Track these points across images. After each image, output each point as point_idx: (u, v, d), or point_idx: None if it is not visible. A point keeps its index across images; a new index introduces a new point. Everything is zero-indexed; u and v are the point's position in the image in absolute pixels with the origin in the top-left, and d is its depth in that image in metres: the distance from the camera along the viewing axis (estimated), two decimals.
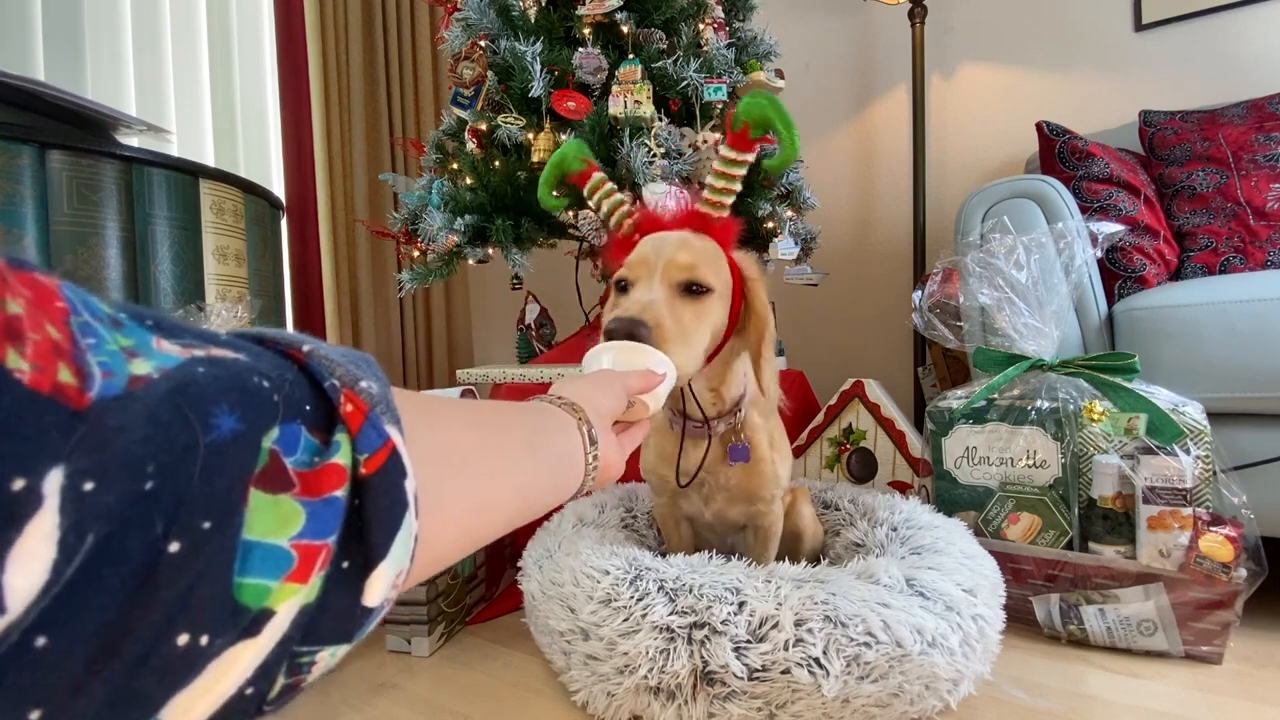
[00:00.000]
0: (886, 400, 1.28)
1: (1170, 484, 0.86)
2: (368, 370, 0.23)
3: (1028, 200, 1.13)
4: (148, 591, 0.15)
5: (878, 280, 2.01)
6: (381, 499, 0.21)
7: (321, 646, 0.20)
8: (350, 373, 0.22)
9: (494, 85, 1.26)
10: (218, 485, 0.17)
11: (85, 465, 0.14)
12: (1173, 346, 0.97)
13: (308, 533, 0.19)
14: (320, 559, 0.19)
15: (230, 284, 1.08)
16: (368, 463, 0.21)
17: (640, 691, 0.70)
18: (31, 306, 0.15)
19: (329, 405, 0.21)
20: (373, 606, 0.21)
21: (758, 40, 1.38)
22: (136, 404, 0.16)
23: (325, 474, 0.20)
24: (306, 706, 0.83)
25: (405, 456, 0.22)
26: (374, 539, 0.21)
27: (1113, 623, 0.88)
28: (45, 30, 1.47)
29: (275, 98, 1.91)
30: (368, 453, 0.21)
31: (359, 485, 0.21)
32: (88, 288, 0.17)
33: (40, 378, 0.14)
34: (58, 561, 0.14)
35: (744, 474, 0.81)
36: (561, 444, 0.38)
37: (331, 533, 0.19)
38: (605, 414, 0.44)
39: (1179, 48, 1.57)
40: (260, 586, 0.17)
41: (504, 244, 1.21)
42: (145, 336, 0.18)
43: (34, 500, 0.14)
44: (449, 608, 1.00)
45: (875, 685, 0.66)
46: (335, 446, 0.20)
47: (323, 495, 0.19)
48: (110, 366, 0.16)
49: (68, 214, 0.87)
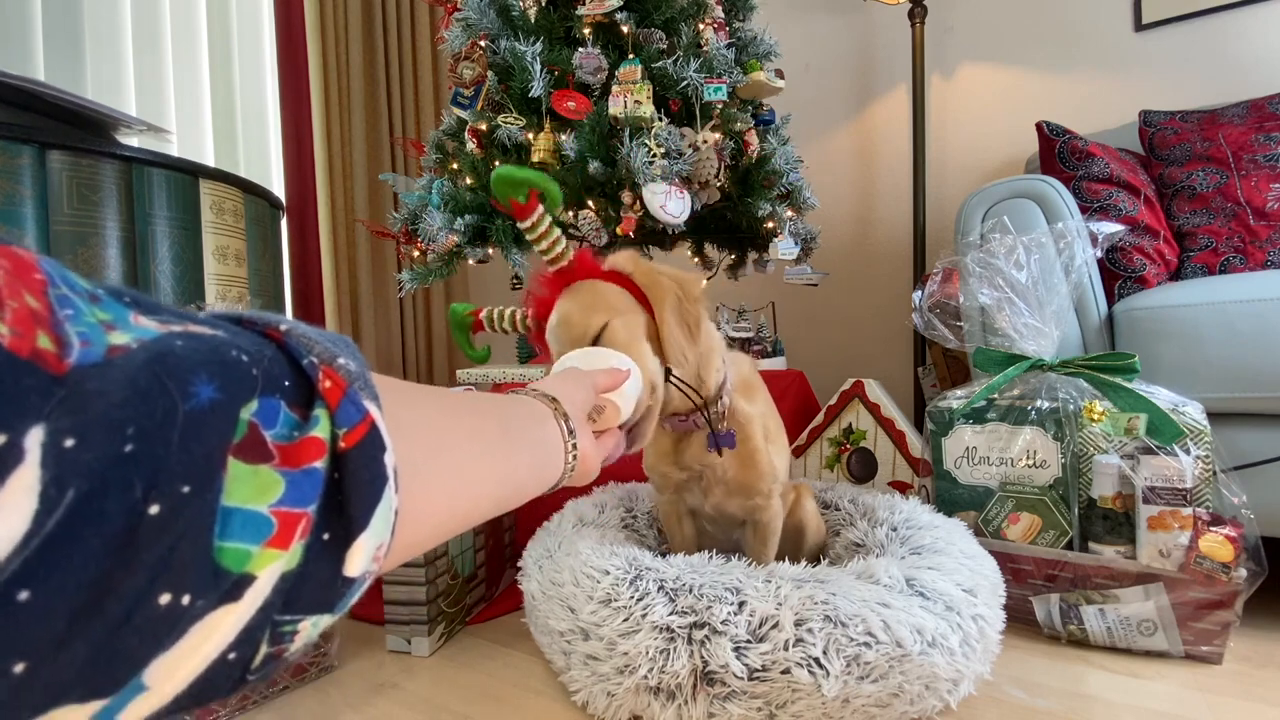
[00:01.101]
0: (886, 400, 1.28)
1: (1170, 484, 0.86)
2: (345, 350, 0.23)
3: (1028, 200, 1.13)
4: (129, 552, 0.15)
5: (878, 280, 2.01)
6: (361, 472, 0.21)
7: (304, 616, 0.20)
8: (328, 350, 0.22)
9: (494, 85, 1.26)
10: (196, 451, 0.17)
11: (65, 425, 0.15)
12: (1173, 346, 0.97)
13: (287, 500, 0.19)
14: (300, 527, 0.19)
15: (230, 284, 1.08)
16: (346, 436, 0.21)
17: (640, 691, 0.70)
18: (9, 276, 0.15)
19: (307, 382, 0.21)
20: (354, 577, 0.21)
21: (758, 40, 1.38)
22: (115, 371, 0.16)
23: (304, 447, 0.20)
24: (306, 706, 0.83)
25: (384, 431, 0.22)
26: (354, 511, 0.21)
27: (1113, 623, 0.88)
28: (45, 30, 1.47)
29: (275, 98, 1.91)
30: (346, 427, 0.21)
31: (338, 459, 0.21)
32: None
33: (19, 343, 0.15)
34: (39, 513, 0.14)
35: (739, 467, 0.81)
36: (539, 433, 0.39)
37: (311, 501, 0.20)
38: (580, 406, 0.45)
39: (1179, 48, 1.57)
40: (241, 551, 0.18)
41: (504, 244, 1.21)
42: (123, 311, 0.18)
43: (15, 454, 0.14)
44: (449, 608, 1.00)
45: (875, 685, 0.66)
46: (314, 421, 0.20)
47: (302, 466, 0.19)
48: (88, 336, 0.16)
49: (68, 214, 0.87)
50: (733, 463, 0.81)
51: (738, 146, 1.29)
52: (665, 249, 1.56)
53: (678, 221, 1.15)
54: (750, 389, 0.82)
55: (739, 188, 1.32)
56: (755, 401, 0.82)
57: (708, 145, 1.18)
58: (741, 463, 0.81)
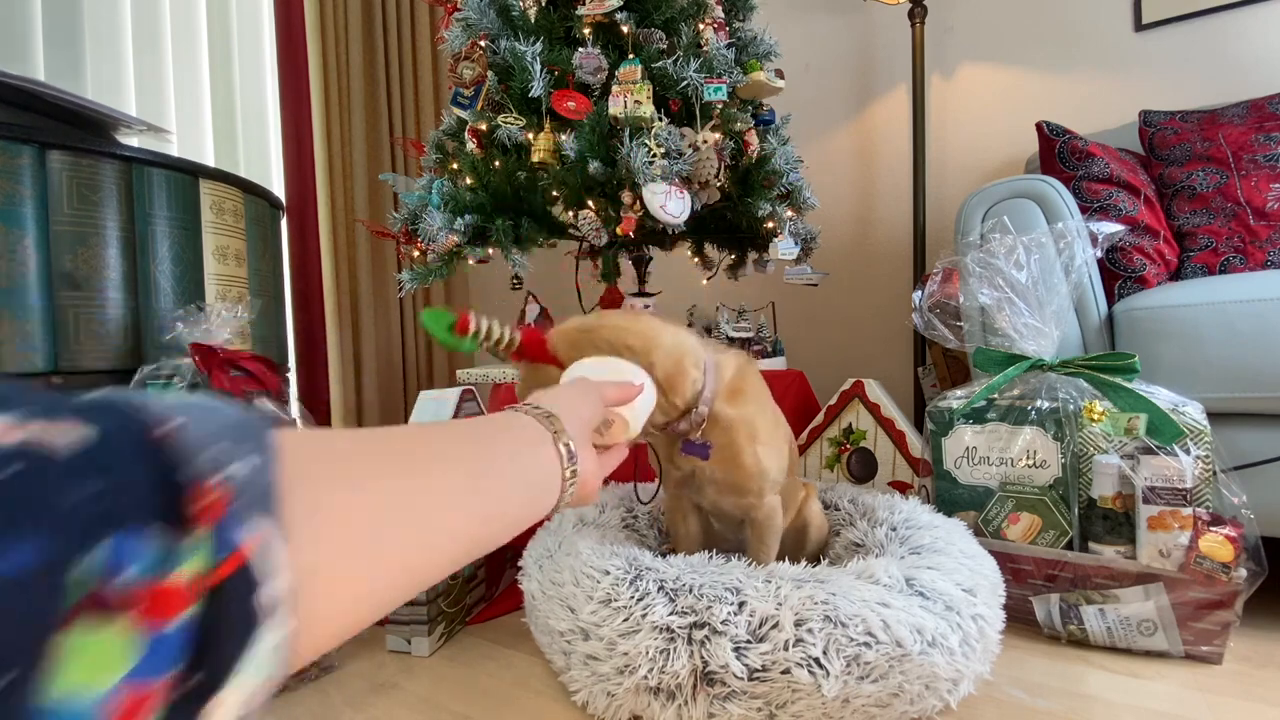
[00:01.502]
0: (886, 400, 1.28)
1: (1170, 484, 0.86)
2: (249, 444, 0.20)
3: (1028, 200, 1.13)
4: None
5: (878, 280, 2.01)
6: (231, 614, 0.18)
7: None
8: (221, 455, 0.19)
9: (494, 85, 1.26)
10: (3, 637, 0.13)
11: None
12: (1173, 346, 0.97)
13: (141, 671, 0.16)
14: (150, 704, 0.16)
15: (230, 284, 1.08)
16: (220, 568, 0.18)
17: (640, 691, 0.70)
18: None
19: (182, 500, 0.18)
20: None
21: (758, 40, 1.38)
22: None
23: (170, 592, 0.16)
24: (306, 706, 0.83)
25: (269, 558, 0.19)
26: (220, 659, 0.18)
27: (1113, 623, 0.88)
28: (45, 30, 1.47)
29: (275, 98, 1.91)
30: (222, 555, 0.18)
31: (211, 593, 0.18)
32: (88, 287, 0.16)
33: None
34: None
35: (725, 469, 0.81)
36: (531, 459, 0.37)
37: (170, 667, 0.16)
38: (585, 422, 0.42)
39: (1179, 48, 1.57)
40: None
41: (504, 244, 1.21)
42: None
43: None
44: (449, 608, 1.00)
45: (875, 685, 0.66)
46: (186, 552, 0.17)
47: (167, 619, 0.16)
48: None
49: (68, 214, 0.87)
50: (719, 464, 0.81)
51: (738, 146, 1.29)
52: (665, 249, 1.56)
53: (678, 221, 1.15)
54: (737, 394, 0.81)
55: (739, 188, 1.32)
56: (741, 404, 0.81)
57: (708, 145, 1.18)
58: (725, 465, 0.80)
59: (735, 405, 0.80)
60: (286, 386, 1.08)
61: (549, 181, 1.19)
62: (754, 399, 0.83)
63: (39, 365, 0.83)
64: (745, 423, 0.80)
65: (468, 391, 1.11)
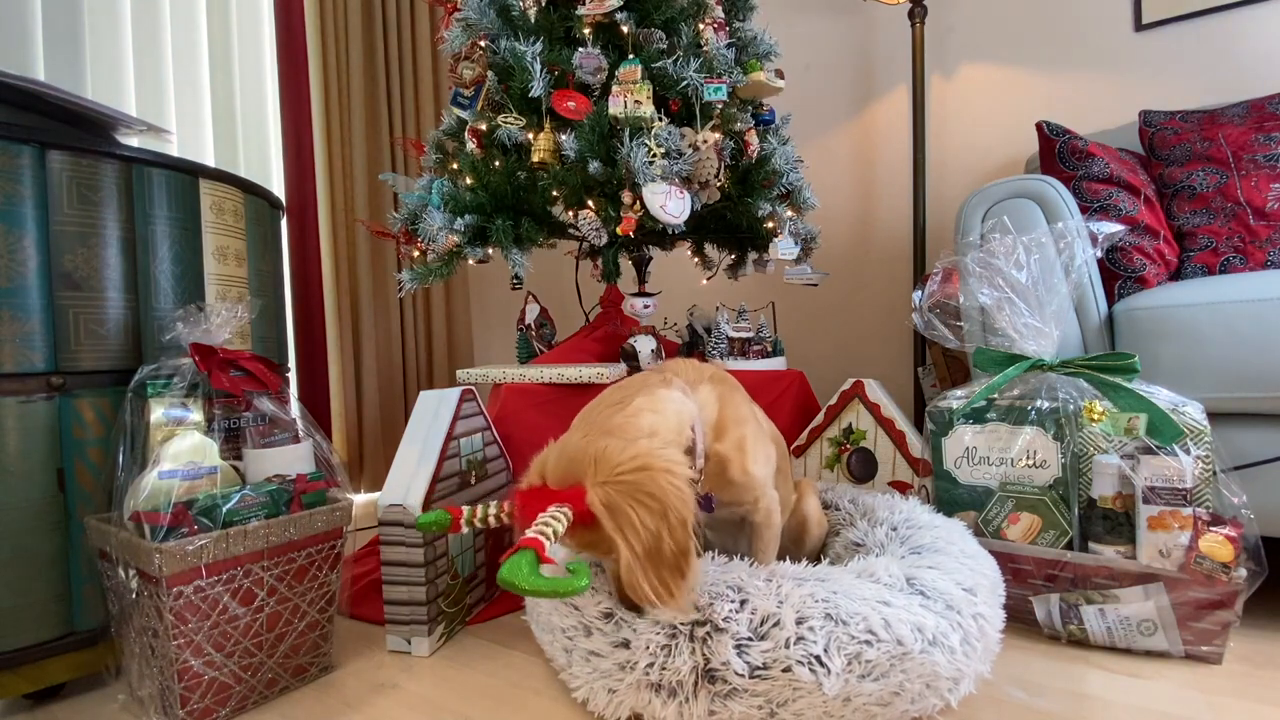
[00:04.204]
0: (886, 400, 1.28)
1: (1170, 484, 0.86)
2: None
3: (1028, 200, 1.13)
4: None
5: (878, 280, 2.01)
6: None
7: None
8: None
9: (494, 85, 1.26)
10: None
11: None
12: (1173, 346, 0.97)
13: None
14: None
15: (230, 284, 1.08)
16: None
17: (641, 688, 0.70)
18: None
19: None
20: None
21: (758, 40, 1.38)
22: None
23: None
24: (306, 706, 0.83)
25: None
26: None
27: (1113, 623, 0.88)
28: (45, 30, 1.47)
29: (275, 98, 1.91)
30: None
31: None
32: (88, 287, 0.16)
33: None
34: None
35: (715, 484, 0.81)
36: None
37: None
38: None
39: (1179, 48, 1.57)
40: None
41: (504, 244, 1.21)
42: None
43: None
44: (449, 608, 1.00)
45: (876, 683, 0.66)
46: None
47: None
48: None
49: (68, 214, 0.87)
50: (712, 488, 0.81)
51: (738, 146, 1.29)
52: (665, 249, 1.57)
53: (678, 221, 1.15)
54: (723, 430, 0.80)
55: (739, 188, 1.32)
56: (729, 435, 0.80)
57: (708, 145, 1.18)
58: (715, 481, 0.81)
59: (724, 440, 0.80)
60: (286, 386, 1.08)
61: (549, 181, 1.19)
62: (738, 422, 0.82)
63: (39, 365, 0.83)
64: (735, 448, 0.80)
65: (468, 391, 1.11)
